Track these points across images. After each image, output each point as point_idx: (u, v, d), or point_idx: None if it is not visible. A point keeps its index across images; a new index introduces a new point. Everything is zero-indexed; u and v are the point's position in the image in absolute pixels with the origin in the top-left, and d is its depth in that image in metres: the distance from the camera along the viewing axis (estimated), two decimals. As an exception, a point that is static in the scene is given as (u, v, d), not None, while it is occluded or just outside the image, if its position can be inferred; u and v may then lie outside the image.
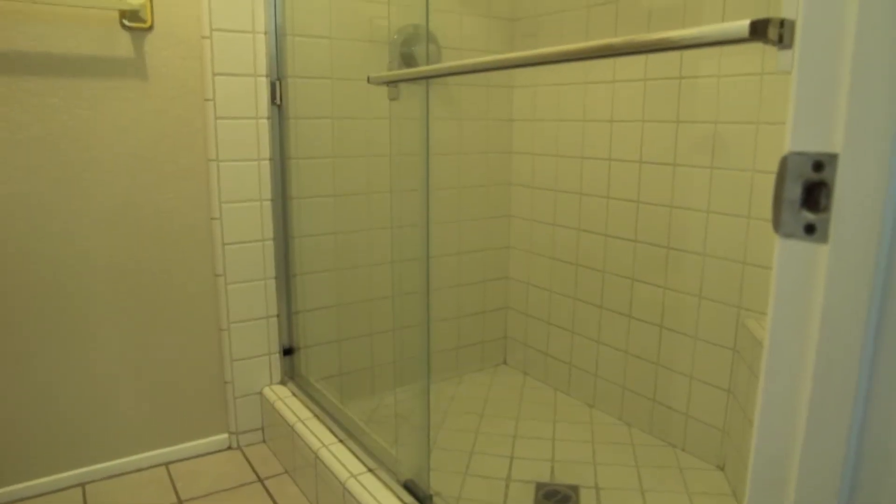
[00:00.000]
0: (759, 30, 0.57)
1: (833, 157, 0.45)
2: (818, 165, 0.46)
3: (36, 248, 1.59)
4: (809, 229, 0.47)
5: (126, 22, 1.63)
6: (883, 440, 0.47)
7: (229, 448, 1.94)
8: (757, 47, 1.48)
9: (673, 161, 1.81)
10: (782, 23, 0.56)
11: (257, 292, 1.88)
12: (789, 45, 0.53)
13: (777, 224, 0.48)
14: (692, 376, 1.82)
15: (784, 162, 0.47)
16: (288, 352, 1.97)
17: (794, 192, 0.47)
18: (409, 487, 1.42)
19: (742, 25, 0.57)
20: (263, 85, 1.80)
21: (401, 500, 1.40)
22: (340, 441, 1.63)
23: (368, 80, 1.34)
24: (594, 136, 2.04)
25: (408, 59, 1.93)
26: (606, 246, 2.04)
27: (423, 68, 1.40)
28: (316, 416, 1.77)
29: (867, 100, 0.43)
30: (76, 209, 1.63)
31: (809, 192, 0.47)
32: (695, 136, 1.75)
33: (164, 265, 1.77)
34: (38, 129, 1.56)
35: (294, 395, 1.90)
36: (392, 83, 1.39)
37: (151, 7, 1.66)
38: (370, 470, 1.51)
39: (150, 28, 1.67)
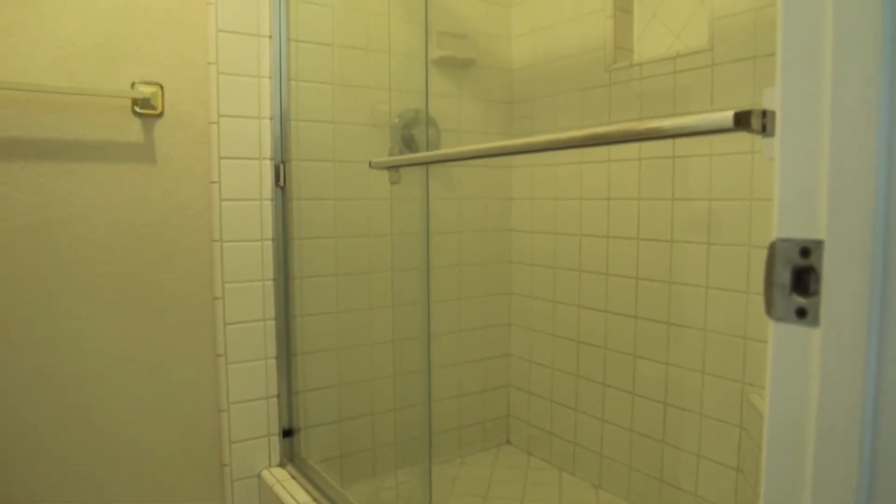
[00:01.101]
0: (742, 120, 0.60)
1: (819, 244, 0.46)
2: (805, 251, 0.47)
3: (37, 329, 1.60)
4: (801, 313, 0.48)
5: (138, 109, 1.69)
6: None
7: (225, 535, 1.88)
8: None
9: (670, 238, 1.84)
10: (764, 113, 0.59)
11: (258, 372, 1.87)
12: (772, 134, 0.56)
13: (769, 308, 0.49)
14: (699, 454, 1.79)
15: (772, 248, 0.49)
16: (287, 433, 1.94)
17: (784, 276, 0.48)
18: (410, 576, 1.37)
19: (726, 116, 0.60)
20: (268, 167, 1.85)
21: (402, 589, 1.35)
22: (340, 526, 1.59)
23: (370, 165, 1.38)
24: (592, 214, 2.07)
25: (408, 142, 1.99)
26: (607, 322, 2.04)
27: (422, 154, 1.45)
28: (315, 500, 1.72)
29: (847, 188, 0.45)
30: (80, 289, 1.65)
31: (799, 276, 0.48)
32: (690, 213, 1.78)
33: (165, 345, 1.76)
34: (46, 211, 1.59)
35: (293, 477, 1.85)
36: (393, 168, 1.43)
37: (163, 95, 1.72)
38: (371, 557, 1.46)
39: (161, 114, 1.73)
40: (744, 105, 1.66)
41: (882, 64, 0.45)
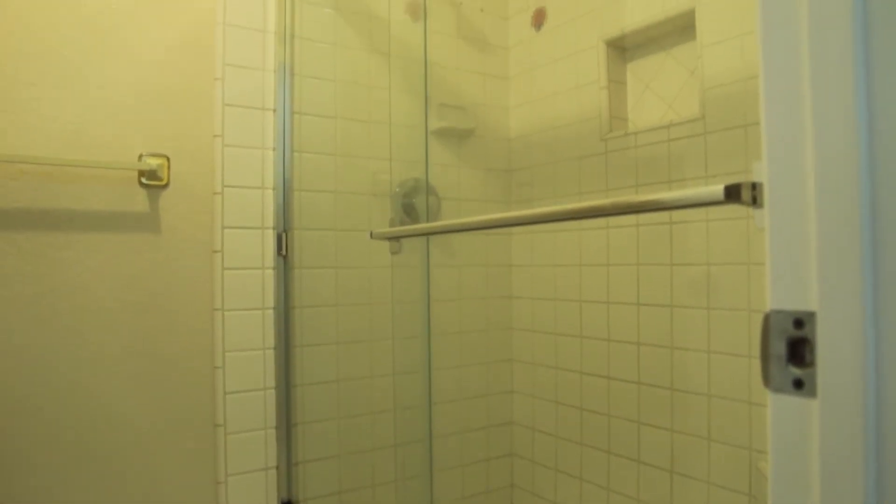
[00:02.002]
0: (733, 193, 0.62)
1: (811, 315, 0.47)
2: (798, 322, 0.48)
3: (38, 399, 1.59)
4: (798, 384, 0.48)
5: (144, 180, 1.73)
6: None
7: None
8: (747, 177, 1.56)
9: (670, 303, 1.84)
10: (754, 185, 0.61)
11: (257, 443, 1.84)
12: (762, 206, 0.57)
13: (766, 379, 0.50)
14: (708, 526, 1.74)
15: (766, 319, 0.50)
16: (286, 506, 1.90)
17: (779, 348, 0.49)
18: None
19: (717, 190, 0.62)
20: (270, 237, 1.87)
21: None
22: None
23: (371, 235, 1.40)
24: (591, 280, 2.09)
25: (409, 211, 2.02)
26: (610, 389, 2.02)
27: (422, 226, 1.48)
28: (314, 576, 1.67)
29: (835, 260, 0.47)
30: (81, 359, 1.64)
31: (794, 347, 0.49)
32: (689, 278, 1.79)
33: (164, 416, 1.75)
34: (50, 281, 1.61)
35: (291, 553, 1.80)
36: (394, 238, 1.45)
37: (169, 166, 1.76)
38: None
39: (166, 185, 1.76)
40: (737, 170, 1.69)
41: (860, 139, 0.47)
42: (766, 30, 0.52)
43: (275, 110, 1.88)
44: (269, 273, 1.87)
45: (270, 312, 1.87)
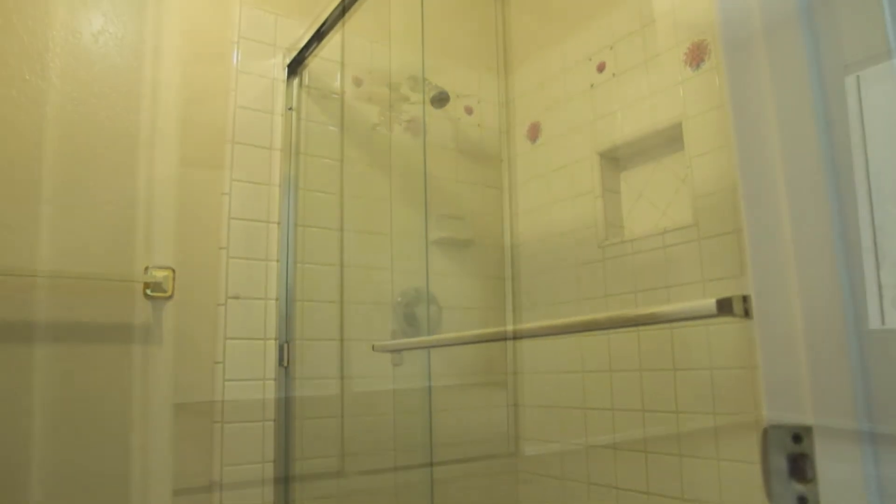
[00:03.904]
0: (724, 307, 0.63)
1: (808, 430, 0.48)
2: (797, 437, 0.48)
3: (28, 522, 1.54)
4: (802, 501, 0.48)
5: (149, 292, 1.75)
6: None
7: None
8: (740, 283, 1.57)
9: (675, 409, 1.82)
10: (745, 298, 0.62)
11: (253, 564, 1.77)
12: (753, 318, 0.59)
13: (770, 496, 0.49)
14: None
15: (765, 434, 0.50)
16: None
17: (780, 463, 0.49)
18: None
19: (710, 304, 0.64)
20: (272, 347, 1.87)
21: None
22: None
23: (373, 348, 1.41)
24: (595, 387, 2.06)
25: (410, 320, 2.03)
26: (619, 500, 1.96)
27: (423, 339, 1.49)
28: None
29: (826, 374, 0.48)
30: (75, 473, 1.60)
31: (795, 462, 0.49)
32: (693, 384, 1.78)
33: (157, 536, 1.69)
34: (52, 393, 1.59)
35: None
36: (396, 351, 1.46)
37: (174, 278, 1.79)
38: None
39: (171, 296, 1.78)
40: (732, 275, 1.70)
41: (837, 255, 0.49)
42: (743, 159, 0.55)
43: (279, 223, 1.94)
44: (270, 384, 1.85)
45: (271, 424, 1.84)
